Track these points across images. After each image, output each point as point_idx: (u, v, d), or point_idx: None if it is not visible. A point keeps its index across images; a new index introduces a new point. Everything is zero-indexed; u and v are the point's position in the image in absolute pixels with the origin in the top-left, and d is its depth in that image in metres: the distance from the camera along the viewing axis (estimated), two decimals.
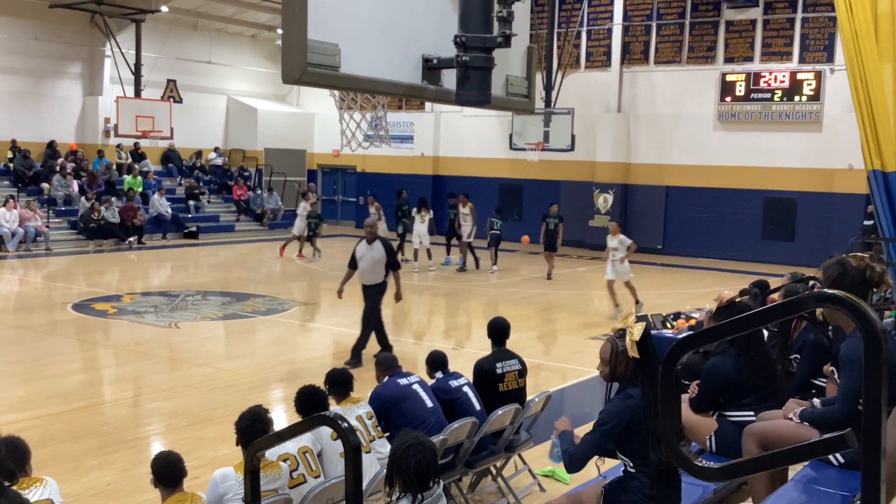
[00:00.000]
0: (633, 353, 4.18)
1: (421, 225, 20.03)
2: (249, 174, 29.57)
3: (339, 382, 5.74)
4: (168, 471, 4.41)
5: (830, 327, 5.48)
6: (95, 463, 7.15)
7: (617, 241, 14.90)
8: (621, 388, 4.33)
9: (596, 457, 4.40)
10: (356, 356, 10.59)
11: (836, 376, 4.73)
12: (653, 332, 8.52)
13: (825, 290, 3.84)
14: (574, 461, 4.33)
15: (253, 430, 4.69)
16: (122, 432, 8.02)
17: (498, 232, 19.88)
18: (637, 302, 14.58)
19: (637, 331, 4.20)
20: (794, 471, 4.84)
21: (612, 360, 4.25)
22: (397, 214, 21.28)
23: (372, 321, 10.80)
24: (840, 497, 4.32)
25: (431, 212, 20.60)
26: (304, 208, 21.45)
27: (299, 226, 21.46)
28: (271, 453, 4.81)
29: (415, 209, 20.47)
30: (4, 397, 9.16)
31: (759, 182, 22.94)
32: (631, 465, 4.24)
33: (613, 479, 4.42)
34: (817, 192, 22.09)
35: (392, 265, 10.78)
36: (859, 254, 4.66)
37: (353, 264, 10.85)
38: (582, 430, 4.49)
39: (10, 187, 23.52)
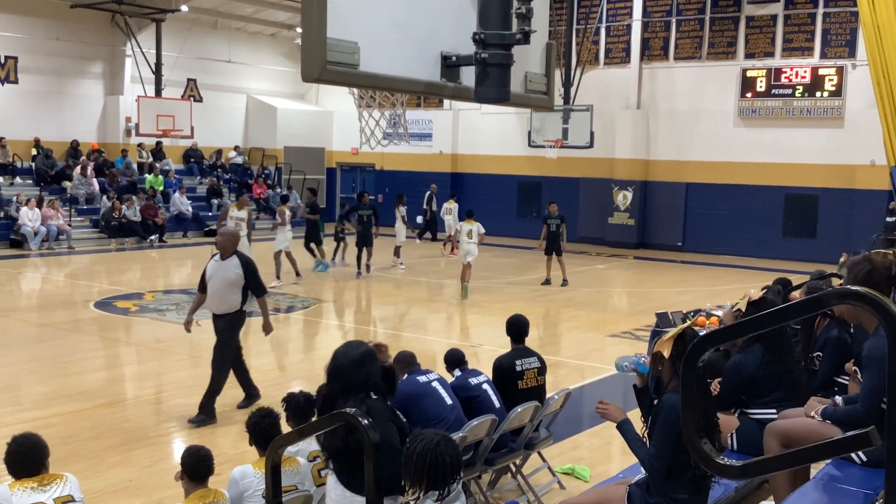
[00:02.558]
0: (662, 349, 4.20)
1: (397, 221, 20.03)
2: (269, 173, 29.68)
3: None
4: (198, 465, 4.43)
5: (852, 325, 5.44)
6: (117, 460, 7.20)
7: (245, 213, 15.93)
8: (661, 388, 4.33)
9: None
10: (206, 410, 8.29)
11: (858, 375, 4.70)
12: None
13: (849, 286, 3.80)
14: (657, 469, 4.22)
15: (261, 426, 4.72)
16: (144, 429, 8.07)
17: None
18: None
19: (673, 331, 4.23)
20: (816, 469, 4.81)
21: (653, 360, 4.30)
22: (361, 220, 18.03)
23: (224, 362, 8.42)
24: (863, 495, 4.29)
25: (405, 208, 20.60)
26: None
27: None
28: (301, 451, 4.82)
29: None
30: (27, 394, 9.25)
31: (780, 178, 22.78)
32: (687, 472, 4.19)
33: (640, 478, 4.38)
34: (839, 188, 21.90)
35: (253, 289, 8.40)
36: (883, 251, 4.62)
37: (202, 287, 8.48)
38: (601, 429, 4.47)
39: (32, 186, 23.75)
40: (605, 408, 4.50)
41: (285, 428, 4.96)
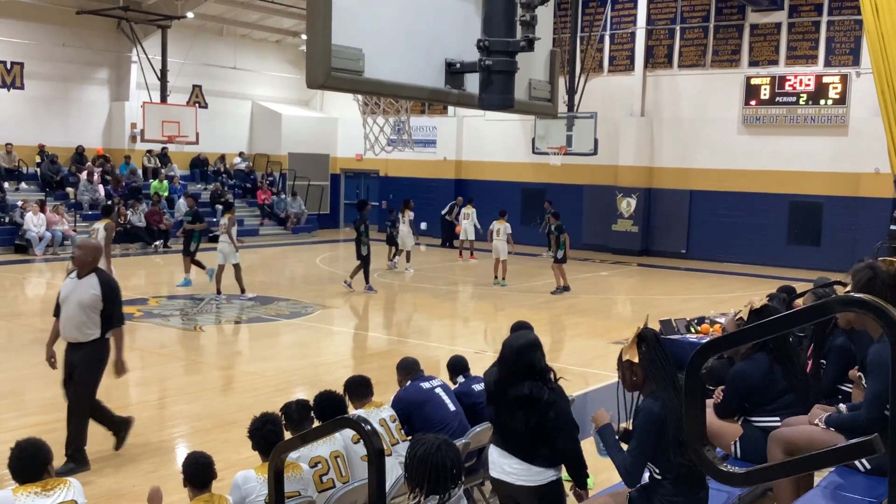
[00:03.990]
0: (629, 356, 4.22)
1: (403, 226, 20.10)
2: (273, 178, 29.74)
3: (358, 386, 5.75)
4: (199, 472, 4.44)
5: (852, 331, 5.43)
6: (120, 465, 7.20)
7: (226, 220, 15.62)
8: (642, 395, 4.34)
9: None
10: (76, 459, 6.94)
11: (863, 381, 4.69)
12: (677, 336, 8.50)
13: (853, 294, 3.80)
14: (633, 476, 4.25)
15: (262, 432, 4.71)
16: (147, 434, 8.07)
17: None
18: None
19: (631, 336, 4.26)
20: (819, 476, 4.79)
21: (619, 367, 4.33)
22: (360, 231, 16.71)
23: (85, 407, 7.10)
24: (867, 503, 4.27)
25: (412, 213, 20.62)
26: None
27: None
28: (304, 456, 4.82)
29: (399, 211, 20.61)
30: (31, 399, 9.26)
31: (784, 186, 22.76)
32: (657, 471, 4.21)
33: (639, 485, 4.39)
34: (843, 196, 21.88)
35: (110, 314, 6.96)
36: (889, 258, 4.62)
37: (57, 311, 7.11)
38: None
39: (37, 192, 23.82)
40: (594, 416, 4.54)
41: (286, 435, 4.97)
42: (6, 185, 23.39)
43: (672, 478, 4.14)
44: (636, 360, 4.20)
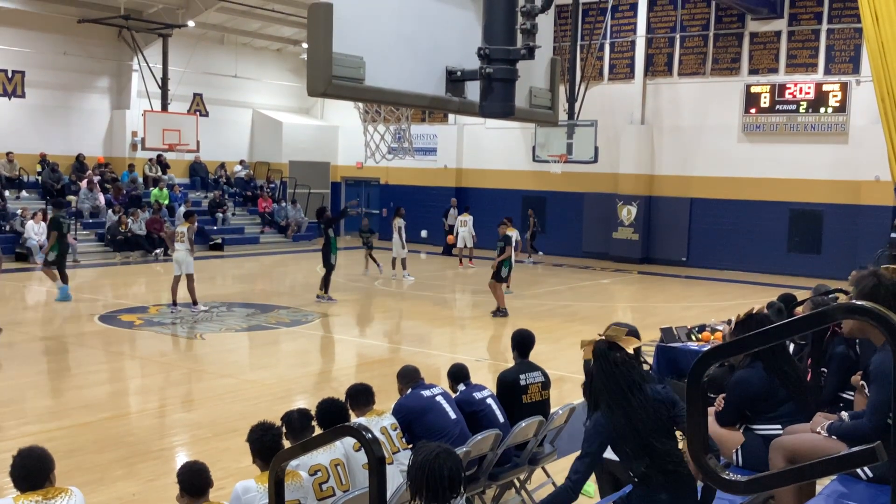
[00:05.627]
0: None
1: (394, 234, 20.18)
2: (274, 186, 29.75)
3: (359, 395, 5.74)
4: (193, 480, 4.41)
5: (857, 340, 5.42)
6: (121, 473, 7.19)
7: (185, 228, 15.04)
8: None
9: None
10: None
11: (865, 389, 4.68)
12: (677, 344, 8.49)
13: (855, 301, 3.79)
14: (574, 490, 4.31)
15: (261, 440, 4.69)
16: (148, 443, 8.07)
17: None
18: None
19: (587, 350, 4.36)
20: (821, 485, 4.78)
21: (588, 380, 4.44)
22: (331, 238, 16.65)
23: None
24: None
25: (403, 221, 20.57)
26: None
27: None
28: (303, 464, 4.80)
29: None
30: (32, 408, 9.25)
31: (784, 194, 22.77)
32: (635, 476, 4.25)
33: (628, 490, 4.42)
34: (843, 204, 21.88)
35: None
36: (892, 266, 4.62)
37: None
38: None
39: (38, 200, 23.82)
40: None
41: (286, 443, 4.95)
42: (7, 193, 23.41)
43: (650, 480, 4.16)
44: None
